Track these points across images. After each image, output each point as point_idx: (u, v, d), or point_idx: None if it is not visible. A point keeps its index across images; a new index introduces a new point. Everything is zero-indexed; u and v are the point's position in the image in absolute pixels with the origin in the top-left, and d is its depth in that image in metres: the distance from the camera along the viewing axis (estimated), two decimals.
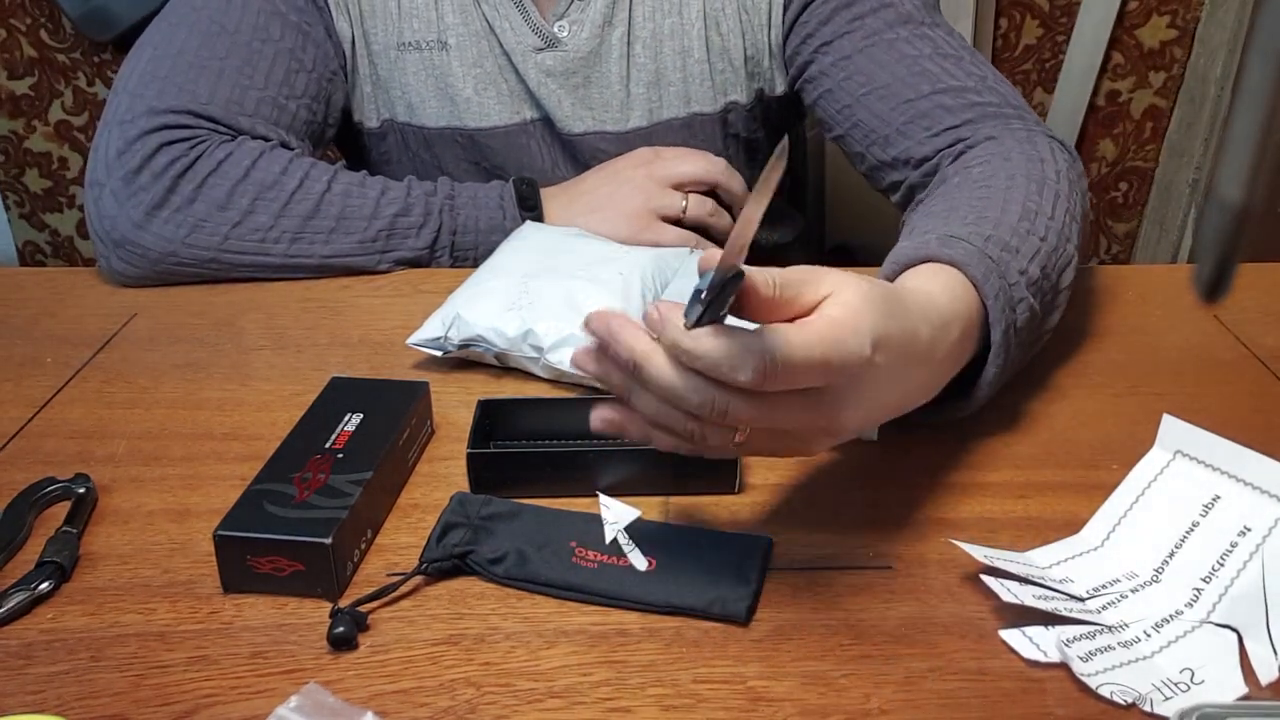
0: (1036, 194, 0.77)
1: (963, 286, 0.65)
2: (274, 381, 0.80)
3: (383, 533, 0.64)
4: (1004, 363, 0.68)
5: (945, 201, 0.80)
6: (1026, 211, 0.75)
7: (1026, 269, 0.70)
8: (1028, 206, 0.75)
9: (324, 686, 0.52)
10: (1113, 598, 0.58)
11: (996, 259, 0.68)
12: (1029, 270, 0.70)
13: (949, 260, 0.66)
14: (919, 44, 0.94)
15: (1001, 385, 0.70)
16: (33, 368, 0.83)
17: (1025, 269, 0.70)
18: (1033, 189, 0.78)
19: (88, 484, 0.67)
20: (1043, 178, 0.80)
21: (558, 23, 1.01)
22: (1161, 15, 1.93)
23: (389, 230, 0.94)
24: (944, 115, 0.91)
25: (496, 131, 1.04)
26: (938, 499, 0.66)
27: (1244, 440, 0.59)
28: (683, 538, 0.62)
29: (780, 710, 0.52)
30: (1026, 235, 0.72)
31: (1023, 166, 0.81)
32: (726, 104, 1.05)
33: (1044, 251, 0.72)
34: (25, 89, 2.02)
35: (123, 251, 0.92)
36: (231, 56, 0.96)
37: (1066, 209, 0.78)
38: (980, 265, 0.66)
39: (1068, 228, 0.77)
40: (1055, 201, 0.78)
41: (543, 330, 0.76)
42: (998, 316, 0.66)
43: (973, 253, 0.67)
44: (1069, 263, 0.75)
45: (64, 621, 0.58)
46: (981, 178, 0.82)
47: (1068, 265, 0.75)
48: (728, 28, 1.02)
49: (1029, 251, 0.71)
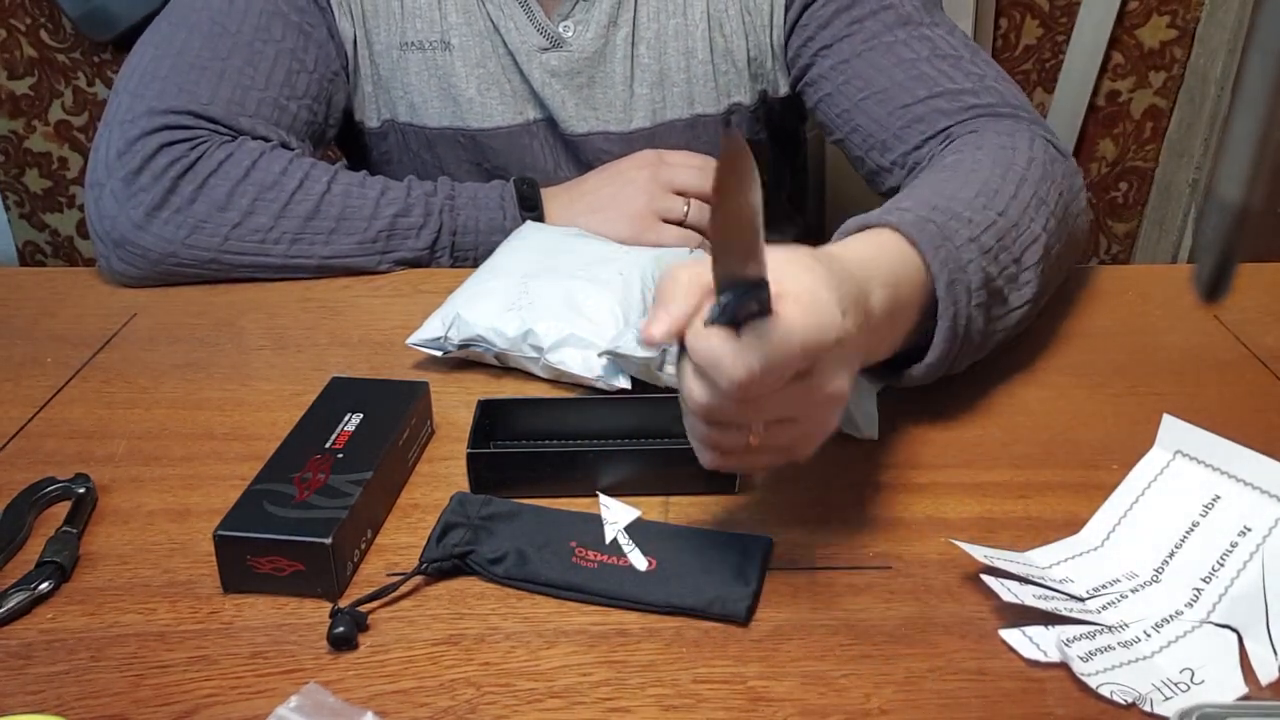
0: (1000, 177, 0.78)
1: (901, 246, 0.66)
2: (274, 381, 0.80)
3: (383, 533, 0.64)
4: (954, 319, 0.68)
5: (908, 188, 0.81)
6: (985, 189, 0.75)
7: (978, 237, 0.70)
8: (988, 185, 0.76)
9: (324, 686, 0.52)
10: (1113, 598, 0.58)
11: (941, 224, 0.68)
12: (980, 239, 0.70)
13: (885, 224, 0.67)
14: (918, 46, 0.94)
15: (967, 355, 0.71)
16: (33, 368, 0.83)
17: (976, 237, 0.70)
18: (996, 172, 0.79)
19: (88, 484, 0.67)
20: (1009, 163, 0.80)
21: (563, 23, 1.01)
22: (1161, 15, 1.93)
23: (389, 230, 0.94)
24: (939, 119, 0.91)
25: (499, 132, 1.04)
26: (938, 499, 0.66)
27: (1244, 440, 0.59)
28: (683, 538, 0.62)
29: (780, 710, 0.52)
30: (982, 209, 0.73)
31: (991, 154, 0.82)
32: (730, 105, 1.05)
33: (1000, 226, 0.73)
34: (25, 89, 2.02)
35: (123, 252, 0.92)
36: (233, 57, 0.96)
37: (1033, 193, 0.78)
38: (918, 227, 0.67)
39: (1033, 210, 0.77)
40: (1020, 185, 0.78)
41: (542, 330, 0.76)
42: (939, 269, 0.66)
43: (912, 219, 0.68)
44: (1035, 239, 0.76)
45: (64, 621, 0.58)
46: (950, 165, 0.83)
47: (1033, 242, 0.75)
48: (731, 29, 1.02)
49: (982, 222, 0.72)
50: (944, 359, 0.69)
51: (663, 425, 0.70)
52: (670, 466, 0.66)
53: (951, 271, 0.67)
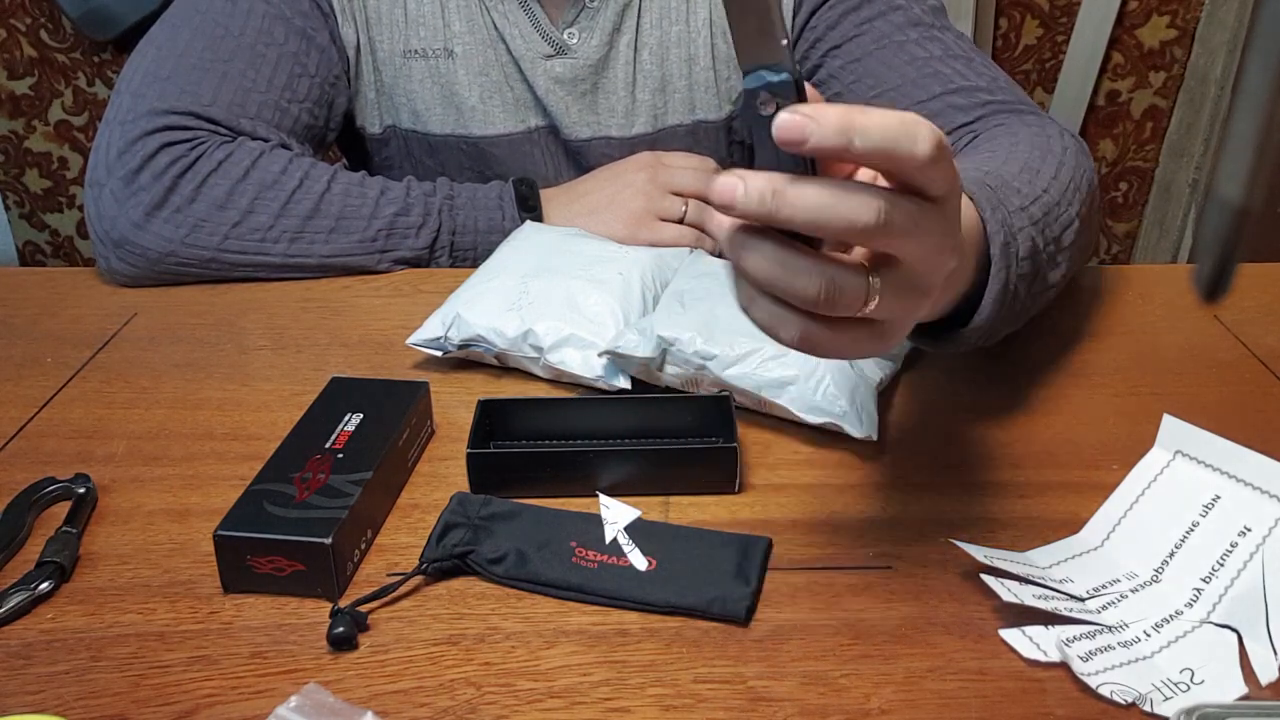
0: (1040, 159, 0.78)
1: (966, 203, 0.62)
2: (274, 381, 0.80)
3: (383, 533, 0.64)
4: (1005, 283, 0.64)
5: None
6: (1028, 167, 0.75)
7: (1027, 207, 0.69)
8: (1030, 164, 0.76)
9: (324, 686, 0.52)
10: (1113, 598, 0.58)
11: (995, 188, 0.67)
12: (1030, 209, 0.69)
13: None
14: (929, 46, 0.95)
15: (1005, 324, 0.68)
16: (33, 368, 0.83)
17: (1026, 207, 0.69)
18: (1035, 154, 0.78)
19: (88, 484, 0.67)
20: (1047, 148, 0.80)
21: (567, 30, 1.01)
22: (1161, 15, 1.93)
23: (388, 230, 0.94)
24: (955, 114, 0.92)
25: (501, 139, 1.04)
26: (938, 499, 0.66)
27: (1244, 440, 0.59)
28: (683, 538, 0.62)
29: (780, 710, 0.52)
30: (1029, 183, 0.72)
31: (1028, 139, 0.82)
32: (731, 111, 1.05)
33: (1046, 201, 0.72)
34: (25, 89, 2.02)
35: (122, 251, 0.92)
36: (235, 59, 0.96)
37: (1070, 177, 0.78)
38: (977, 185, 0.65)
39: (1070, 192, 0.76)
40: (1059, 168, 0.78)
41: (543, 330, 0.76)
42: (995, 229, 0.64)
43: (969, 181, 0.65)
44: (1070, 224, 0.75)
45: (64, 621, 0.58)
46: (985, 148, 0.83)
47: (1069, 225, 0.74)
48: None
49: (1030, 194, 0.71)
50: (991, 322, 0.65)
51: (663, 425, 0.70)
52: (670, 466, 0.66)
53: (1006, 234, 0.65)
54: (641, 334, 0.73)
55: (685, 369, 0.73)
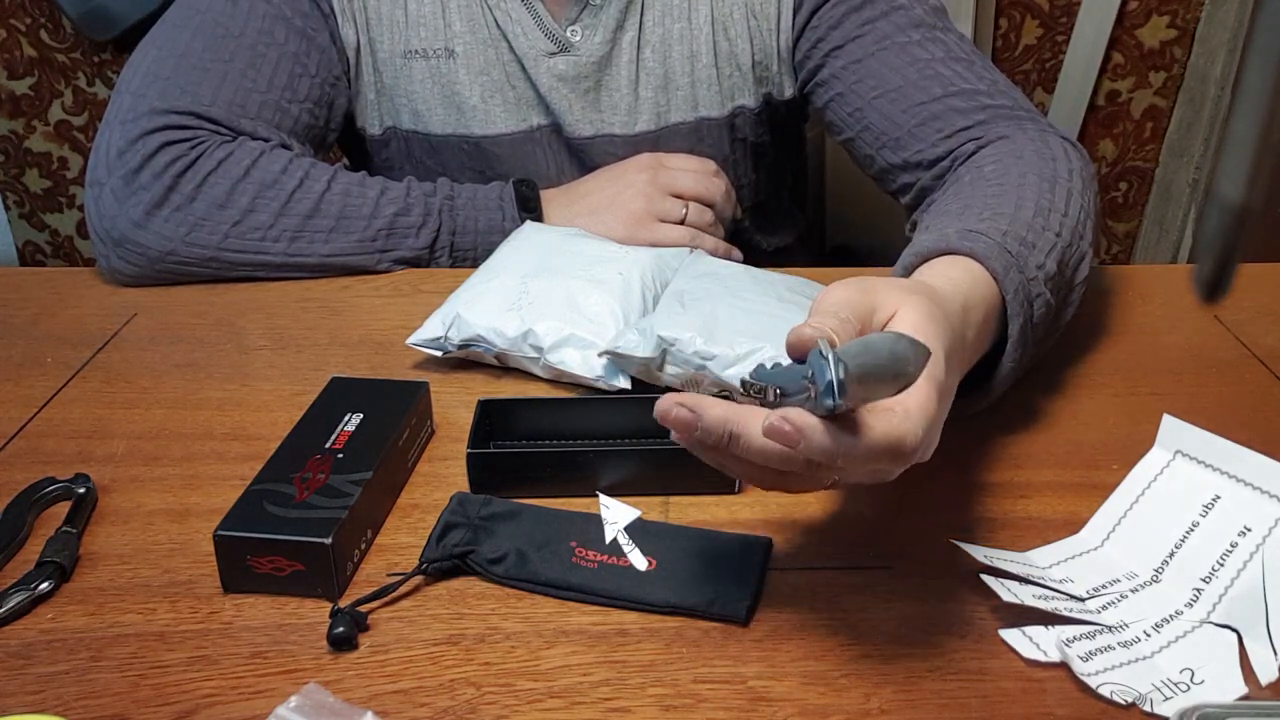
0: (1049, 191, 0.78)
1: (984, 278, 0.66)
2: (274, 381, 0.80)
3: (383, 533, 0.64)
4: (1020, 356, 0.68)
5: (959, 200, 0.80)
6: (1040, 208, 0.75)
7: (1044, 263, 0.70)
8: (1041, 204, 0.76)
9: (324, 686, 0.52)
10: (1113, 598, 0.58)
11: (1015, 253, 0.68)
12: (1046, 265, 0.71)
13: (969, 253, 0.67)
14: (930, 48, 0.95)
15: (1014, 381, 0.70)
16: (33, 368, 0.83)
17: (1042, 263, 0.70)
18: (1045, 187, 0.79)
19: (88, 484, 0.67)
20: (1055, 175, 0.81)
21: (570, 27, 1.01)
22: (1161, 15, 1.93)
23: (389, 229, 0.94)
24: (956, 117, 0.92)
25: (503, 139, 1.04)
26: (938, 499, 0.66)
27: (1244, 440, 0.59)
28: (683, 538, 0.62)
29: (780, 710, 0.52)
30: (1042, 231, 0.73)
31: (1035, 165, 0.82)
32: (734, 109, 1.05)
33: (1059, 247, 0.73)
34: (25, 89, 2.02)
35: (123, 250, 0.92)
36: (236, 59, 0.96)
37: (1080, 206, 0.79)
38: (1000, 259, 0.67)
39: (1081, 224, 0.77)
40: (1069, 199, 0.78)
41: (543, 330, 0.76)
42: (1016, 310, 0.66)
43: (992, 246, 0.67)
44: (1083, 259, 0.76)
45: (64, 621, 0.58)
46: (994, 175, 0.82)
47: (1081, 261, 0.76)
48: (736, 33, 1.02)
49: (1045, 246, 0.72)
50: (1000, 392, 0.70)
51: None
52: (670, 466, 0.66)
53: (1024, 311, 0.67)
54: (641, 334, 0.73)
55: (685, 369, 0.73)
